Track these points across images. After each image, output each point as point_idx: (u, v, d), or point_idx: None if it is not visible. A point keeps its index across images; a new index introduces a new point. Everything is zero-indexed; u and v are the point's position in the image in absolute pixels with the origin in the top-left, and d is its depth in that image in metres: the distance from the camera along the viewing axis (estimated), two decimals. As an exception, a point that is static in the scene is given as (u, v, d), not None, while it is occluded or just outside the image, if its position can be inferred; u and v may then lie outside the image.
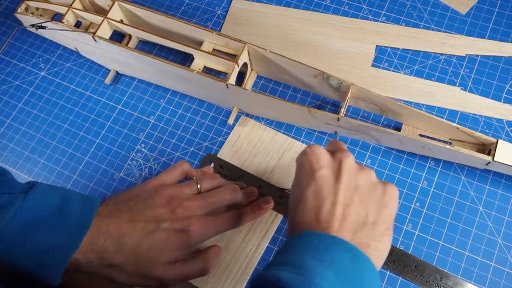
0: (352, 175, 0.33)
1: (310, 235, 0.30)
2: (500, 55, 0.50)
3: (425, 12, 0.54)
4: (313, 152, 0.34)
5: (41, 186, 0.34)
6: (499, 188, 0.45)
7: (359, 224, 0.31)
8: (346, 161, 0.33)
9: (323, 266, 0.27)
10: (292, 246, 0.30)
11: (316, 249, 0.29)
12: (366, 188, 0.33)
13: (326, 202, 0.32)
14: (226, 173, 0.47)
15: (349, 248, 0.29)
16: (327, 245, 0.29)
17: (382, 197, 0.33)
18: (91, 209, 0.35)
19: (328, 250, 0.28)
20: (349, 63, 0.52)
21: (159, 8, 0.59)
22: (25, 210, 0.32)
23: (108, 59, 0.53)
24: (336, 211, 0.31)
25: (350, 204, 0.32)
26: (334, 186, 0.32)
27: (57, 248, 0.32)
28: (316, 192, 0.32)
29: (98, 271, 0.35)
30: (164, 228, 0.36)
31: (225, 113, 0.52)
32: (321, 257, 0.28)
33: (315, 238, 0.30)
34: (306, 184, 0.33)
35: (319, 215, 0.31)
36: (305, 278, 0.26)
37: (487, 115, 0.48)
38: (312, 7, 0.56)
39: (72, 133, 0.53)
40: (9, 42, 0.59)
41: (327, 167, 0.33)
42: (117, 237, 0.35)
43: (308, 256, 0.28)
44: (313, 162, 0.34)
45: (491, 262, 0.41)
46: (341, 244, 0.29)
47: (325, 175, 0.33)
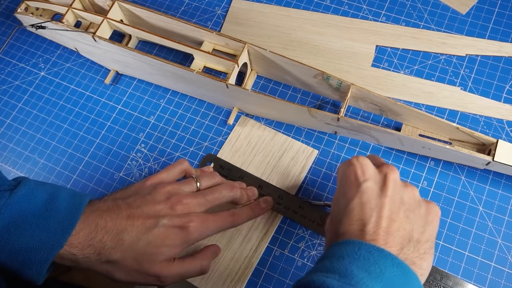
0: (398, 190, 0.33)
1: (358, 244, 0.30)
2: (500, 55, 0.50)
3: (425, 12, 0.54)
4: (359, 163, 0.34)
5: (28, 183, 0.34)
6: (499, 188, 0.44)
7: (405, 240, 0.31)
8: (392, 175, 0.33)
9: (371, 278, 0.27)
10: (338, 255, 0.29)
11: (364, 260, 0.28)
12: (411, 204, 0.33)
13: (373, 215, 0.31)
14: (226, 173, 0.47)
15: (398, 263, 0.29)
16: (376, 257, 0.28)
17: (426, 215, 0.33)
18: (78, 208, 0.34)
19: (377, 263, 0.28)
20: (349, 63, 0.52)
21: (159, 8, 0.59)
22: (10, 208, 0.32)
23: (108, 59, 0.53)
24: (383, 224, 0.31)
25: (396, 219, 0.31)
26: (380, 199, 0.32)
27: (40, 248, 0.32)
28: (362, 204, 0.32)
29: (96, 267, 0.35)
30: (163, 225, 0.36)
31: (225, 113, 0.52)
32: (369, 269, 0.28)
33: (363, 249, 0.29)
34: (352, 195, 0.33)
35: (365, 226, 0.31)
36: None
37: (487, 115, 0.48)
38: (312, 7, 0.56)
39: (72, 133, 0.53)
40: (9, 42, 0.59)
41: (372, 180, 0.33)
42: (115, 233, 0.35)
43: (356, 266, 0.28)
44: (359, 174, 0.33)
45: (491, 262, 0.41)
46: (390, 258, 0.29)
47: (372, 188, 0.33)
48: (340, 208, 0.34)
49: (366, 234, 0.31)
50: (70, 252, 0.33)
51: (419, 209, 0.33)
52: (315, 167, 0.47)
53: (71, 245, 0.33)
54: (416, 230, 0.32)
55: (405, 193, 0.33)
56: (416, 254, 0.31)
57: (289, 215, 0.45)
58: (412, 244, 0.31)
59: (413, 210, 0.33)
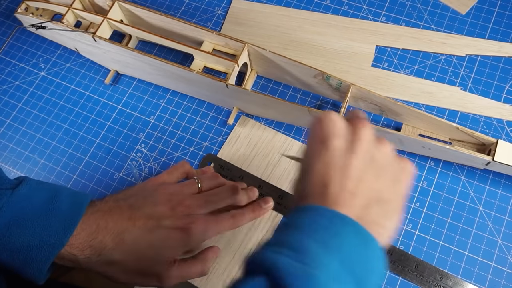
0: (368, 147, 0.30)
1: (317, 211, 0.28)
2: (500, 55, 0.50)
3: (425, 12, 0.54)
4: (327, 119, 0.31)
5: (30, 182, 0.34)
6: (499, 188, 0.45)
7: (372, 200, 0.29)
8: (364, 131, 0.30)
9: (328, 253, 0.25)
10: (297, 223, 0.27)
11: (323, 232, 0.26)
12: (382, 161, 0.30)
13: (337, 174, 0.29)
14: (226, 173, 0.47)
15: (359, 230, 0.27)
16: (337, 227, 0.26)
17: (398, 173, 0.31)
18: (80, 207, 0.34)
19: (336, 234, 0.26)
20: (349, 63, 0.52)
21: (159, 8, 0.59)
22: (12, 206, 0.32)
23: (108, 59, 0.53)
24: (347, 185, 0.28)
25: (363, 178, 0.29)
26: (348, 157, 0.29)
27: (42, 247, 0.32)
28: (327, 163, 0.29)
29: (96, 268, 0.35)
30: (164, 226, 0.36)
31: (225, 113, 0.52)
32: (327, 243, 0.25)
33: (324, 217, 0.27)
34: (317, 154, 0.30)
35: (327, 187, 0.28)
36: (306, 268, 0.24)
37: (487, 115, 0.48)
38: (312, 7, 0.56)
39: (72, 133, 0.53)
40: (9, 42, 0.59)
41: (341, 136, 0.30)
42: (116, 233, 0.35)
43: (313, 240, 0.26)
44: (327, 130, 0.30)
45: (491, 262, 0.41)
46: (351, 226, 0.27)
47: (339, 145, 0.30)
48: (304, 167, 0.31)
49: (328, 196, 0.28)
50: (70, 253, 0.33)
51: (391, 167, 0.31)
52: (315, 167, 0.47)
53: (72, 246, 0.33)
54: (385, 189, 0.30)
55: (377, 151, 0.30)
56: (382, 214, 0.29)
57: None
58: (377, 204, 0.29)
59: (383, 168, 0.30)
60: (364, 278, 0.25)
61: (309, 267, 0.24)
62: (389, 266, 0.42)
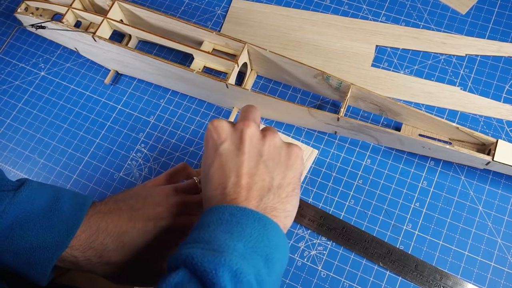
0: (255, 143, 0.33)
1: (221, 209, 0.30)
2: (500, 55, 0.50)
3: (425, 12, 0.54)
4: (214, 127, 0.34)
5: (31, 183, 0.34)
6: (499, 188, 0.45)
7: (264, 190, 0.32)
8: (247, 131, 0.33)
9: (233, 238, 0.28)
10: (204, 223, 0.30)
11: (227, 223, 0.29)
12: (271, 153, 0.33)
13: (231, 175, 0.32)
14: (226, 173, 0.47)
15: (258, 217, 0.30)
16: (238, 217, 0.29)
17: (287, 160, 0.34)
18: (82, 208, 0.34)
19: (238, 223, 0.29)
20: (349, 63, 0.52)
21: (159, 8, 0.59)
22: (14, 208, 0.32)
23: (108, 59, 0.53)
24: (242, 181, 0.31)
25: (256, 173, 0.32)
26: (238, 157, 0.32)
27: (45, 248, 0.32)
28: (221, 167, 0.32)
29: (96, 269, 0.35)
30: (164, 227, 0.36)
31: (225, 113, 0.52)
32: (231, 230, 0.29)
33: (226, 212, 0.30)
34: (211, 161, 0.33)
35: (225, 188, 0.31)
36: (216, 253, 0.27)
37: (487, 115, 0.48)
38: (312, 7, 0.56)
39: (72, 133, 0.53)
40: (9, 42, 0.59)
41: (229, 140, 0.33)
42: (116, 235, 0.35)
43: (220, 231, 0.29)
44: (215, 138, 0.34)
45: (491, 262, 0.42)
46: (250, 215, 0.30)
47: (228, 149, 0.33)
48: (204, 175, 0.34)
49: (227, 195, 0.31)
50: (71, 254, 0.33)
51: (279, 156, 0.34)
52: (315, 167, 0.47)
53: (73, 247, 0.33)
54: (276, 177, 0.33)
55: (264, 144, 0.33)
56: (277, 199, 0.32)
57: (289, 215, 0.45)
58: (272, 192, 0.32)
59: (272, 158, 0.33)
60: (270, 255, 0.29)
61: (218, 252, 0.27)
62: (389, 266, 0.42)
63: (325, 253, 0.43)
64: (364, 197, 0.45)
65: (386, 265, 0.42)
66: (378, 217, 0.44)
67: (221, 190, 0.32)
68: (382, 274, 0.42)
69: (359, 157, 0.48)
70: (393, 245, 0.43)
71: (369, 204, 0.45)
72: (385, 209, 0.45)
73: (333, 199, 0.46)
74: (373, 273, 0.42)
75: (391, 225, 0.44)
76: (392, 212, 0.45)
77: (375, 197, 0.45)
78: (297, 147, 0.34)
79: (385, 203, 0.45)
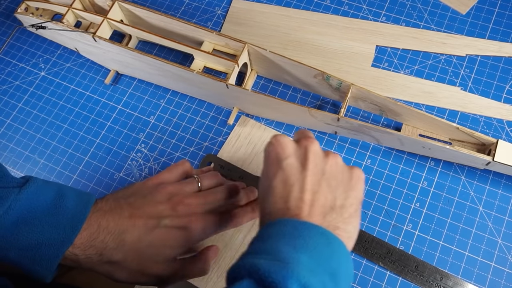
0: (318, 161, 0.33)
1: (282, 223, 0.30)
2: (500, 55, 0.50)
3: (425, 12, 0.54)
4: (278, 142, 0.34)
5: (36, 180, 0.34)
6: (499, 188, 0.44)
7: (327, 208, 0.32)
8: (311, 148, 0.34)
9: (297, 251, 0.28)
10: (266, 235, 0.30)
11: (289, 236, 0.29)
12: (333, 173, 0.33)
13: (294, 190, 0.32)
14: (226, 173, 0.47)
15: (321, 232, 0.30)
16: (300, 231, 0.29)
17: (349, 181, 0.34)
18: (86, 205, 0.35)
19: (301, 236, 0.29)
20: (349, 63, 0.52)
21: (159, 8, 0.59)
22: (19, 204, 0.32)
23: (108, 59, 0.53)
24: (305, 197, 0.31)
25: (318, 190, 0.32)
26: (301, 173, 0.33)
27: (50, 244, 0.32)
28: (284, 181, 0.33)
29: (97, 267, 0.35)
30: (164, 225, 0.36)
31: (225, 113, 0.52)
32: (294, 243, 0.28)
33: (288, 225, 0.30)
34: (273, 174, 0.33)
35: (288, 202, 0.32)
36: (282, 264, 0.26)
37: (487, 115, 0.48)
38: (312, 7, 0.56)
39: (72, 133, 0.53)
40: (9, 42, 0.59)
41: (293, 156, 0.34)
42: (117, 233, 0.35)
43: (282, 243, 0.29)
44: (279, 152, 0.34)
45: (491, 262, 0.41)
46: (313, 229, 0.30)
47: (292, 164, 0.33)
48: (264, 188, 0.34)
49: (289, 210, 0.31)
50: (72, 253, 0.33)
51: (342, 176, 0.34)
52: (315, 167, 0.47)
53: (74, 246, 0.33)
54: (339, 197, 0.33)
55: (327, 163, 0.34)
56: (339, 219, 0.32)
57: (289, 215, 0.45)
58: (335, 211, 0.32)
59: (335, 178, 0.33)
60: (335, 271, 0.28)
61: (283, 263, 0.26)
62: (389, 266, 0.42)
63: (325, 253, 0.43)
64: (364, 197, 0.45)
65: (386, 265, 0.42)
66: (378, 217, 0.44)
67: (283, 204, 0.32)
68: (382, 274, 0.42)
69: (359, 157, 0.47)
70: (393, 245, 0.43)
71: (369, 204, 0.45)
72: (385, 209, 0.45)
73: (333, 199, 0.46)
74: (373, 273, 0.42)
75: (391, 225, 0.44)
76: (392, 212, 0.45)
77: (375, 197, 0.45)
78: (359, 169, 0.35)
79: (385, 203, 0.45)
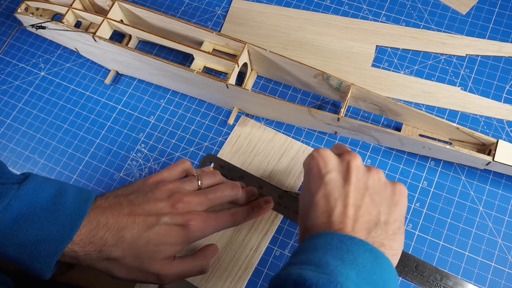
0: (361, 176, 0.33)
1: (328, 235, 0.30)
2: (500, 55, 0.50)
3: (425, 12, 0.54)
4: (320, 156, 0.34)
5: (36, 177, 0.34)
6: (499, 188, 0.44)
7: (371, 224, 0.31)
8: (354, 162, 0.34)
9: (345, 265, 0.27)
10: (311, 247, 0.30)
11: (337, 249, 0.28)
12: (376, 188, 0.33)
13: (338, 204, 0.32)
14: (226, 173, 0.47)
15: (369, 248, 0.29)
16: (348, 246, 0.29)
17: (392, 196, 0.33)
18: (86, 202, 0.35)
19: (349, 251, 0.28)
20: (349, 63, 0.52)
21: (159, 8, 0.59)
22: (19, 200, 0.32)
23: (108, 59, 0.53)
24: (348, 212, 0.31)
25: (362, 205, 0.32)
26: (344, 188, 0.32)
27: (49, 240, 0.32)
28: (327, 196, 0.32)
29: (96, 264, 0.35)
30: (164, 222, 0.36)
31: (225, 113, 0.52)
32: (342, 257, 0.28)
33: (335, 238, 0.29)
34: (315, 188, 0.33)
35: (331, 217, 0.31)
36: (330, 277, 0.26)
37: (487, 115, 0.48)
38: (312, 7, 0.56)
39: (72, 133, 0.53)
40: (9, 42, 0.59)
41: (335, 170, 0.33)
42: (116, 230, 0.35)
43: (330, 256, 0.28)
44: (321, 166, 0.34)
45: (491, 262, 0.41)
46: (361, 245, 0.29)
47: (334, 178, 0.33)
48: (306, 202, 0.34)
49: (333, 224, 0.31)
50: (71, 249, 0.33)
51: (385, 191, 0.33)
52: (315, 167, 0.47)
53: (73, 242, 0.33)
54: (383, 213, 0.32)
55: (369, 178, 0.33)
56: (384, 235, 0.31)
57: (289, 215, 0.45)
58: (379, 227, 0.31)
59: (378, 193, 0.33)
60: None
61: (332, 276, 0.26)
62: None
63: (325, 253, 0.43)
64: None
65: (386, 265, 0.42)
66: (378, 217, 0.44)
67: (326, 218, 0.31)
68: (382, 274, 0.42)
69: (359, 157, 0.47)
70: (393, 245, 0.43)
71: (369, 204, 0.45)
72: (385, 209, 0.45)
73: (333, 199, 0.46)
74: (373, 273, 0.42)
75: (391, 225, 0.44)
76: (392, 212, 0.45)
77: (375, 197, 0.45)
78: (402, 185, 0.34)
79: (385, 203, 0.45)
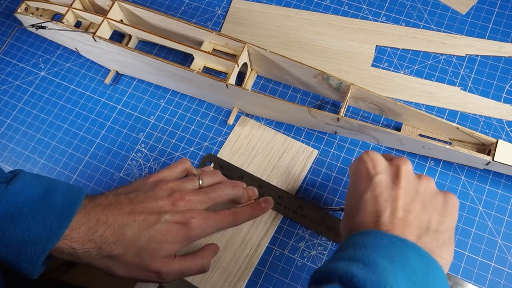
0: (411, 181, 0.33)
1: (378, 234, 0.29)
2: (500, 55, 0.50)
3: (425, 12, 0.54)
4: (370, 158, 0.34)
5: (25, 175, 0.34)
6: (499, 188, 0.45)
7: (422, 230, 0.31)
8: (404, 167, 0.33)
9: (395, 267, 0.27)
10: (360, 244, 0.29)
11: (386, 250, 0.28)
12: (427, 195, 0.33)
13: (387, 205, 0.31)
14: (226, 173, 0.47)
15: (421, 253, 0.28)
16: (399, 247, 0.28)
17: (444, 206, 0.33)
18: (75, 201, 0.34)
19: (400, 252, 0.28)
20: (349, 63, 0.52)
21: (159, 8, 0.59)
22: (5, 201, 0.32)
23: (108, 59, 0.53)
24: (398, 214, 0.31)
25: (412, 209, 0.31)
26: (393, 190, 0.32)
27: (36, 241, 0.32)
28: (375, 197, 0.32)
29: (96, 262, 0.35)
30: (165, 221, 0.36)
31: (225, 113, 0.52)
32: (393, 259, 0.27)
33: (385, 238, 0.29)
34: (364, 189, 0.33)
35: (380, 217, 0.31)
36: (379, 277, 0.25)
37: (487, 115, 0.48)
38: (312, 7, 0.56)
39: (72, 133, 0.53)
40: (9, 42, 0.59)
41: (384, 173, 0.33)
42: (116, 227, 0.35)
43: (379, 256, 0.27)
44: (370, 168, 0.34)
45: (491, 262, 0.42)
46: (413, 248, 0.29)
47: (383, 180, 0.33)
48: (353, 203, 0.34)
49: (381, 224, 0.30)
50: (70, 247, 0.33)
51: (436, 200, 0.33)
52: (315, 167, 0.47)
53: (72, 239, 0.33)
54: (434, 221, 0.32)
55: (420, 184, 0.33)
56: (435, 243, 0.31)
57: (289, 215, 0.45)
58: (430, 234, 0.31)
59: (429, 200, 0.33)
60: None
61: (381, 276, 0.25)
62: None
63: (325, 253, 0.43)
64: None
65: (386, 265, 0.42)
66: (378, 217, 0.44)
67: (375, 218, 0.31)
68: (382, 274, 0.42)
69: (359, 157, 0.47)
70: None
71: (369, 204, 0.45)
72: (385, 209, 0.45)
73: (333, 199, 0.46)
74: (373, 273, 0.42)
75: (391, 225, 0.44)
76: (392, 212, 0.45)
77: (375, 197, 0.45)
78: (454, 196, 0.34)
79: (385, 203, 0.45)
